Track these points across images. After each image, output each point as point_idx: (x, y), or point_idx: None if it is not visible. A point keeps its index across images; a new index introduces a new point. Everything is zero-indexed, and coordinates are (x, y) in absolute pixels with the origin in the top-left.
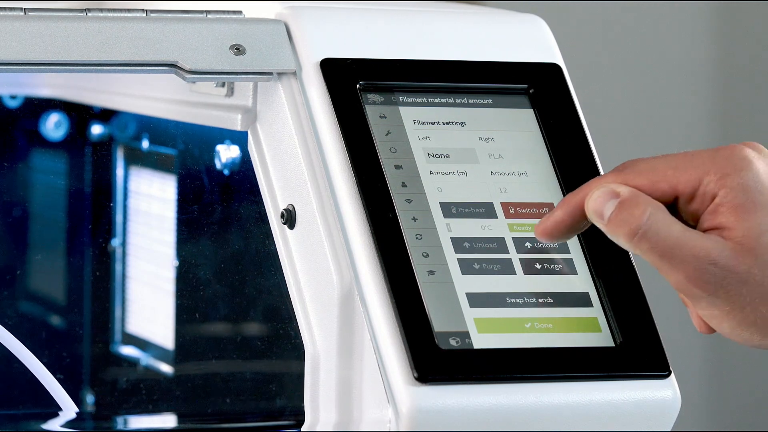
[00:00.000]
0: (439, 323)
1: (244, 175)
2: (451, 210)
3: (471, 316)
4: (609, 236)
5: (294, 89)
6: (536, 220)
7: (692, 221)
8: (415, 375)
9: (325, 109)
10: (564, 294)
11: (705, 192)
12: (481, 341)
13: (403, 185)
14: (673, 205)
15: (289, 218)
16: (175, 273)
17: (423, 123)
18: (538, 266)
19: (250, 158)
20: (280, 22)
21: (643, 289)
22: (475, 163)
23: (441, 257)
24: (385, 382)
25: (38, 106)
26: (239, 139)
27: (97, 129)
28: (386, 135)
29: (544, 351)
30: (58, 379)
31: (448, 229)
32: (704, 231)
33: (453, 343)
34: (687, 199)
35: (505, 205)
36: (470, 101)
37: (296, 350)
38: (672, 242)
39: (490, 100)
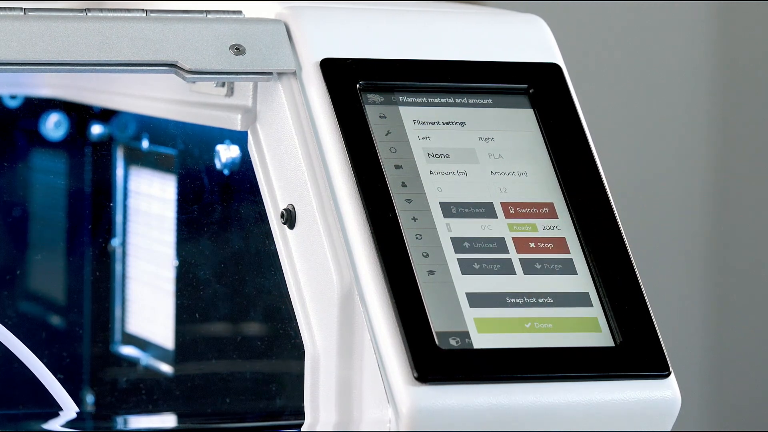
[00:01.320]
0: (438, 323)
1: (244, 175)
2: (451, 210)
3: (471, 316)
4: None
5: (294, 89)
6: (536, 220)
7: None
8: (415, 375)
9: (325, 109)
10: (564, 294)
11: None
12: (480, 341)
13: (403, 185)
14: None
15: (289, 218)
16: (175, 273)
17: (423, 123)
18: (538, 266)
19: (250, 158)
20: (280, 22)
21: (643, 289)
22: (475, 163)
23: (441, 257)
24: (385, 382)
25: (38, 106)
26: (239, 139)
27: (97, 129)
28: (386, 135)
29: (544, 351)
30: (59, 379)
31: (448, 229)
32: None
33: (453, 343)
34: None
35: (505, 205)
36: (470, 101)
37: (296, 350)
38: None
39: (490, 100)
